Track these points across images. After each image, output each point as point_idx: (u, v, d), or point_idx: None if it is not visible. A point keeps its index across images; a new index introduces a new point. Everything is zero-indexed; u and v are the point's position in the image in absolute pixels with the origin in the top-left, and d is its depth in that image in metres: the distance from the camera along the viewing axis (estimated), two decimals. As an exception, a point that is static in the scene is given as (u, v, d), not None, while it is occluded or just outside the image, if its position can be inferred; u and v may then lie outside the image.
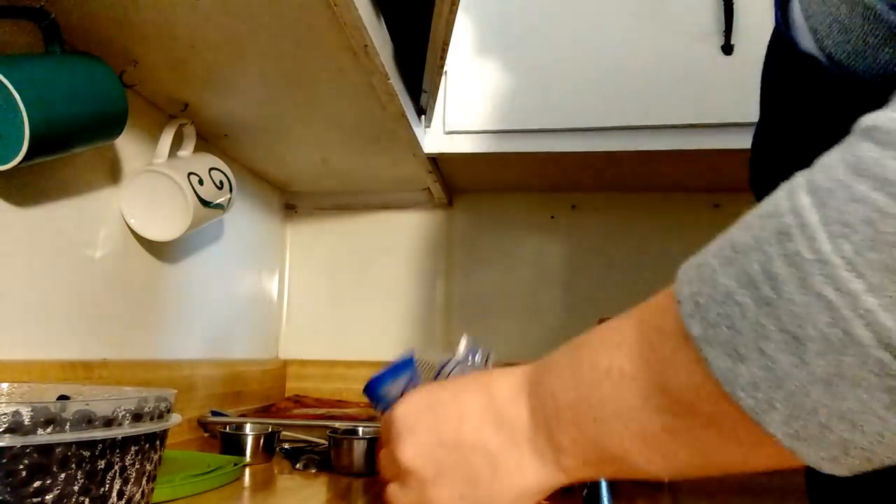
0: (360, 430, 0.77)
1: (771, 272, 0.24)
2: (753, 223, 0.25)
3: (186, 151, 0.86)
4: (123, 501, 0.33)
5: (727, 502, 0.59)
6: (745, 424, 0.25)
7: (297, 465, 0.71)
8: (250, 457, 0.72)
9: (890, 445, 0.23)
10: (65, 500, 0.30)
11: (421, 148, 1.01)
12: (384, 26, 0.71)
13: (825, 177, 0.23)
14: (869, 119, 0.23)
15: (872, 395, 0.22)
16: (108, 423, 0.32)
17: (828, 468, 0.25)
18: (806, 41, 0.35)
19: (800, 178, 0.24)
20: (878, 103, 0.24)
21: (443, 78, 1.01)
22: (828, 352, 0.23)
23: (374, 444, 0.70)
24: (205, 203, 0.82)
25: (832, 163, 0.23)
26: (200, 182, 0.82)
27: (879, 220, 0.21)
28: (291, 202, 1.37)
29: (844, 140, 0.24)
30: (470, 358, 0.72)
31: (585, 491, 0.68)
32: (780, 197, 0.25)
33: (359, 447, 0.69)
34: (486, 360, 0.75)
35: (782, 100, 0.41)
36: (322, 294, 1.35)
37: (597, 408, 0.32)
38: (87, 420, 0.31)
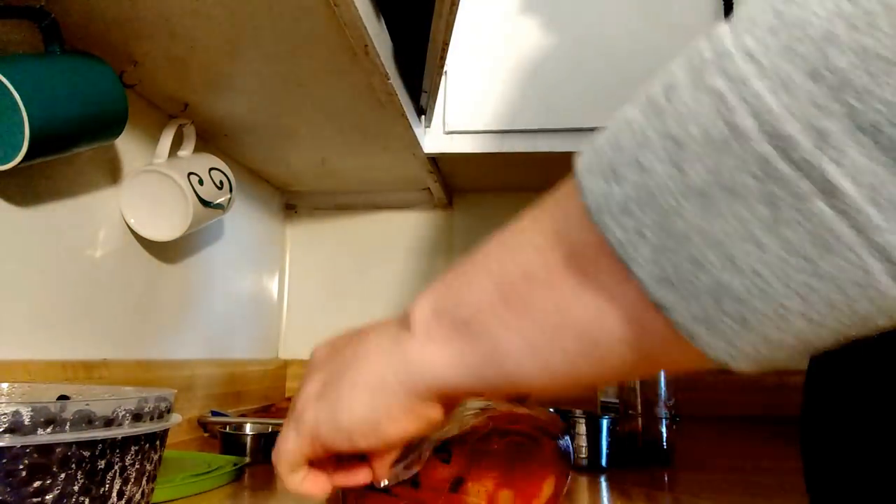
0: None
1: (670, 83, 0.22)
2: (656, 77, 0.23)
3: (186, 151, 0.87)
4: (123, 501, 0.33)
5: (729, 502, 0.60)
6: (612, 271, 0.22)
7: None
8: (250, 457, 0.72)
9: (766, 293, 0.19)
10: (65, 500, 0.30)
11: (421, 148, 1.01)
12: (384, 26, 0.71)
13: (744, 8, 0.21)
14: None
15: (751, 207, 0.19)
16: (108, 423, 0.32)
17: (701, 340, 0.21)
18: None
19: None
20: None
21: (443, 78, 1.01)
22: (707, 152, 0.20)
23: None
24: (205, 203, 0.82)
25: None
26: (200, 182, 0.82)
27: (785, 6, 0.19)
28: (291, 202, 1.37)
29: None
30: None
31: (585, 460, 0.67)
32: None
33: None
34: None
35: None
36: (322, 294, 1.35)
37: (467, 271, 0.31)
38: (87, 420, 0.31)
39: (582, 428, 0.76)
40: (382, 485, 0.38)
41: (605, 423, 0.77)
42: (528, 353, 0.26)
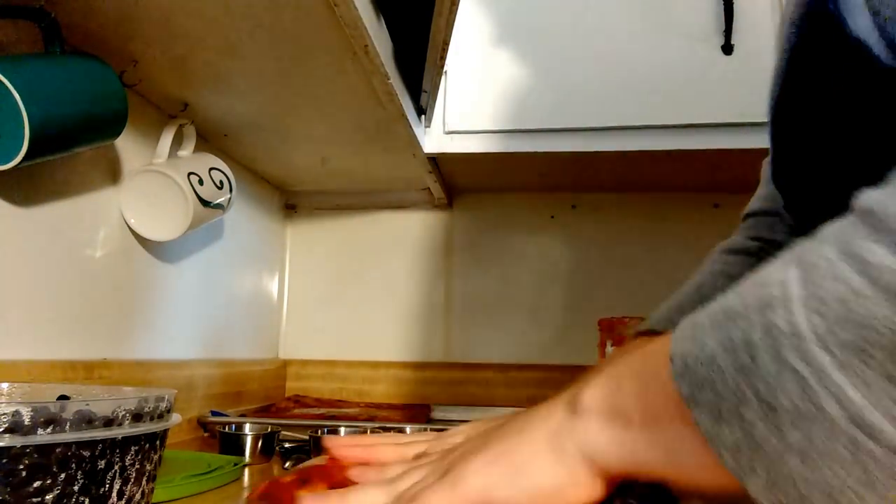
0: (342, 430, 0.77)
1: (750, 340, 0.24)
2: (747, 290, 0.26)
3: (186, 151, 0.86)
4: (123, 501, 0.33)
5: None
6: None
7: (287, 465, 0.71)
8: (250, 457, 0.72)
9: None
10: (65, 500, 0.30)
11: (421, 148, 1.01)
12: (384, 26, 0.71)
13: (816, 253, 0.24)
14: (868, 199, 0.23)
15: (848, 469, 0.22)
16: (108, 423, 0.32)
17: None
18: (861, 22, 0.31)
19: (796, 250, 0.25)
20: None
21: (443, 78, 1.01)
22: (801, 423, 0.23)
23: None
24: (205, 203, 0.82)
25: (826, 238, 0.24)
26: (200, 182, 0.82)
27: (853, 299, 0.22)
28: (291, 202, 1.37)
29: (843, 216, 0.24)
30: None
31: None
32: (775, 266, 0.26)
33: None
34: None
35: (814, 86, 0.37)
36: (322, 294, 1.35)
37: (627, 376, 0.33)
38: (87, 420, 0.31)
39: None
40: None
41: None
42: (658, 464, 0.30)
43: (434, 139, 1.04)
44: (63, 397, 0.42)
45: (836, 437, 0.22)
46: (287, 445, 0.78)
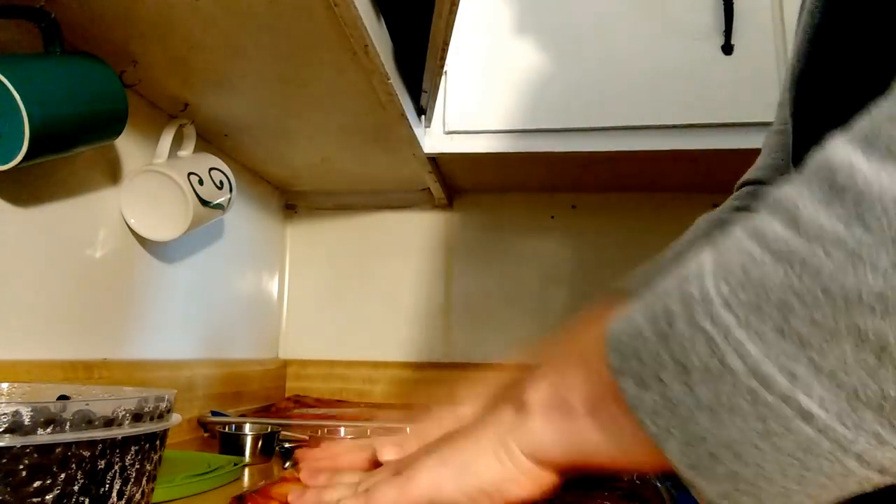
0: (342, 430, 0.77)
1: (669, 309, 0.28)
2: (676, 271, 0.29)
3: (186, 151, 0.86)
4: (123, 501, 0.33)
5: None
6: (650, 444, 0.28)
7: (286, 465, 0.71)
8: (250, 457, 0.72)
9: (771, 479, 0.25)
10: (65, 500, 0.30)
11: (421, 148, 1.01)
12: (384, 26, 0.71)
13: (729, 235, 0.27)
14: (777, 191, 0.26)
15: (748, 422, 0.25)
16: (108, 423, 0.32)
17: None
18: None
19: (717, 236, 0.28)
20: None
21: (443, 78, 1.01)
22: (709, 380, 0.26)
23: None
24: (205, 203, 0.82)
25: (739, 223, 0.27)
26: (200, 182, 0.82)
27: (752, 266, 0.25)
28: (291, 202, 1.37)
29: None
30: None
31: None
32: (701, 249, 0.29)
33: None
34: None
35: (842, 52, 0.38)
36: (322, 294, 1.35)
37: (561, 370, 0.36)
38: (87, 420, 0.31)
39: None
40: None
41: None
42: (600, 450, 0.33)
43: (434, 139, 1.04)
44: (63, 397, 0.42)
45: (738, 391, 0.25)
46: (287, 445, 0.78)
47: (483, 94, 1.03)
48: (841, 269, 0.23)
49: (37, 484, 0.29)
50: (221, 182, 0.87)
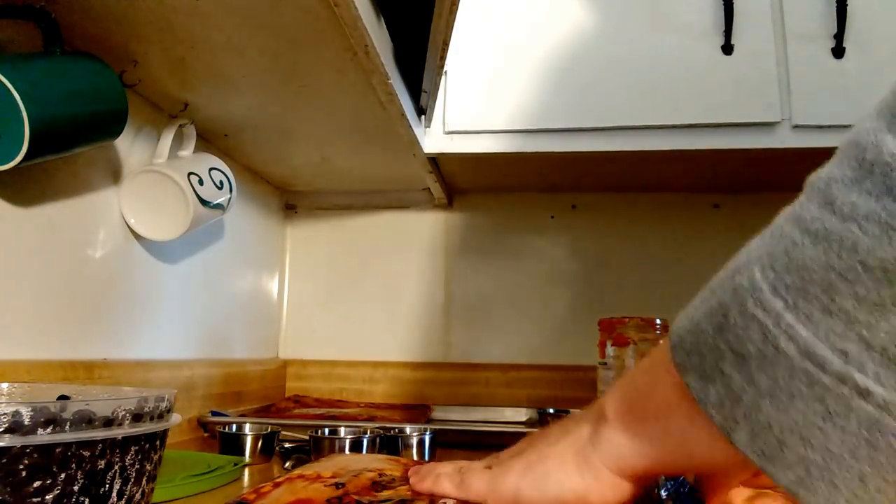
0: (342, 430, 0.77)
1: (723, 302, 0.28)
2: (728, 264, 0.30)
3: (186, 151, 0.87)
4: (123, 501, 0.33)
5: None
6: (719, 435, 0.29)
7: (287, 465, 0.71)
8: (250, 457, 0.72)
9: (841, 462, 0.25)
10: (65, 500, 0.30)
11: (421, 148, 1.01)
12: (384, 26, 0.71)
13: (772, 224, 0.28)
14: (812, 177, 0.27)
15: (809, 405, 0.25)
16: (108, 423, 0.32)
17: (804, 496, 0.26)
18: None
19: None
20: None
21: (443, 78, 1.01)
22: (766, 366, 0.26)
23: (355, 444, 0.70)
24: (205, 203, 0.82)
25: (783, 212, 0.28)
26: (200, 182, 0.82)
27: (793, 250, 0.26)
28: (291, 202, 1.37)
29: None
30: None
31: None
32: (749, 243, 0.29)
33: (339, 447, 0.69)
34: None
35: None
36: (322, 294, 1.35)
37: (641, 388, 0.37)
38: (87, 420, 0.31)
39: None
40: None
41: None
42: (677, 452, 0.33)
43: (434, 139, 1.04)
44: (63, 397, 0.42)
45: (794, 375, 0.25)
46: (287, 445, 0.78)
47: (483, 95, 1.03)
48: (877, 242, 0.23)
49: (37, 484, 0.29)
50: (221, 182, 0.87)
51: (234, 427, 0.79)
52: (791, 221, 0.27)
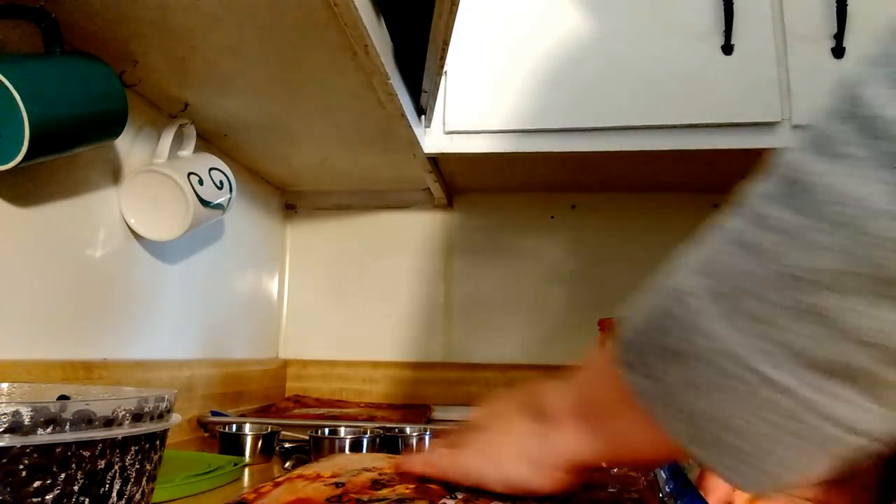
0: (342, 430, 0.77)
1: (659, 303, 0.31)
2: (664, 268, 0.32)
3: (186, 151, 0.87)
4: (123, 501, 0.33)
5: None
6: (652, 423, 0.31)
7: (287, 465, 0.71)
8: (250, 457, 0.72)
9: (770, 452, 0.27)
10: (65, 500, 0.30)
11: (421, 148, 1.01)
12: (384, 26, 0.71)
13: (706, 233, 0.31)
14: (744, 189, 0.30)
15: (736, 398, 0.27)
16: (108, 423, 0.32)
17: (732, 480, 0.29)
18: None
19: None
20: None
21: (443, 78, 1.01)
22: (695, 364, 0.28)
23: (355, 444, 0.70)
24: (205, 203, 0.82)
25: (715, 222, 0.31)
26: (200, 182, 0.82)
27: (721, 257, 0.29)
28: (291, 202, 1.37)
29: None
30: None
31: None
32: (684, 250, 0.32)
33: (339, 447, 0.69)
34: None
35: None
36: (322, 294, 1.35)
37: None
38: (87, 420, 0.31)
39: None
40: None
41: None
42: (627, 448, 0.36)
43: (434, 139, 1.04)
44: (63, 397, 0.42)
45: (721, 371, 0.27)
46: (287, 445, 0.78)
47: (483, 94, 1.03)
48: (791, 252, 0.25)
49: (37, 484, 0.29)
50: (221, 182, 0.87)
51: (234, 427, 0.79)
52: (720, 229, 0.29)
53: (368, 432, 0.74)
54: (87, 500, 0.31)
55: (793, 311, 0.25)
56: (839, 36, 0.95)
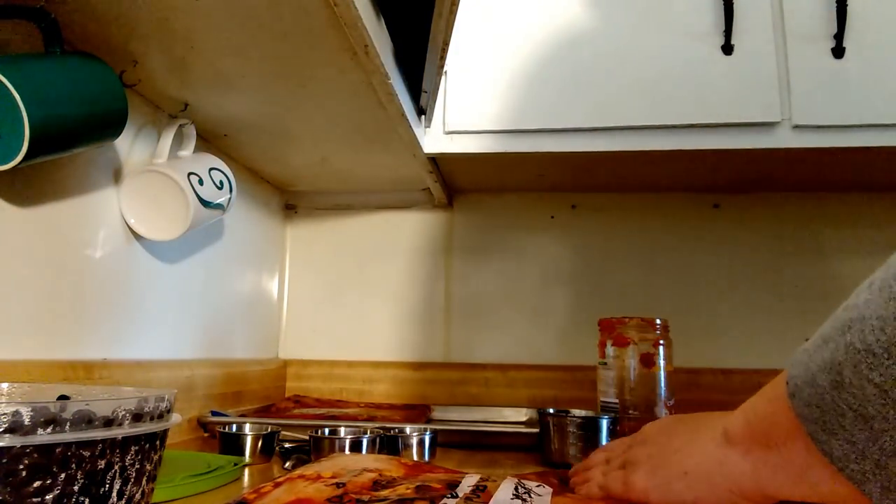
0: (342, 430, 0.77)
1: (837, 360, 0.29)
2: (837, 314, 0.31)
3: (186, 151, 0.87)
4: (123, 501, 0.33)
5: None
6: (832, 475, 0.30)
7: (287, 465, 0.71)
8: (250, 457, 0.72)
9: None
10: (65, 500, 0.30)
11: (421, 148, 1.01)
12: (384, 26, 0.71)
13: (883, 276, 0.28)
14: None
15: None
16: (108, 423, 0.32)
17: None
18: None
19: (876, 274, 0.29)
20: None
21: (443, 78, 1.01)
22: (889, 428, 0.27)
23: (355, 444, 0.70)
24: (205, 203, 0.82)
25: (892, 263, 0.28)
26: (200, 182, 0.82)
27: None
28: (291, 202, 1.37)
29: None
30: None
31: None
32: (857, 291, 0.30)
33: (339, 448, 0.69)
34: None
35: None
36: (322, 294, 1.35)
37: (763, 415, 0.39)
38: (87, 420, 0.31)
39: (581, 428, 0.76)
40: None
41: (604, 423, 0.77)
42: (796, 486, 0.35)
43: (434, 139, 1.04)
44: (63, 397, 0.42)
45: None
46: (287, 445, 0.78)
47: (483, 94, 1.03)
48: None
49: (37, 484, 0.29)
50: (221, 182, 0.87)
51: (234, 427, 0.79)
52: None
53: (368, 432, 0.74)
54: (87, 500, 0.31)
55: None
56: (839, 36, 0.95)
